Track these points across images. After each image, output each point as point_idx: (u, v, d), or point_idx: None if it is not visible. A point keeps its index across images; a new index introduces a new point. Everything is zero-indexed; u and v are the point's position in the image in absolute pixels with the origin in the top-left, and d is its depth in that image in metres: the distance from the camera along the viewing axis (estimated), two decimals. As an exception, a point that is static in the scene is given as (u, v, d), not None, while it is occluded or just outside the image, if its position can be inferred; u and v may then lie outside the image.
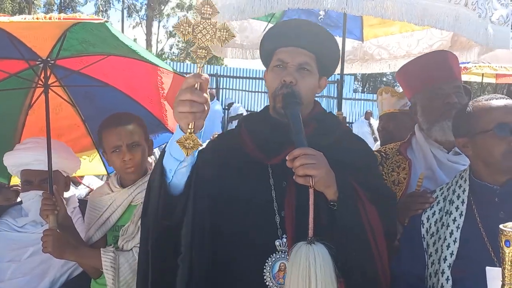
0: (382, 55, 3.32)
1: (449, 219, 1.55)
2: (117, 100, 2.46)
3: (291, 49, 1.55)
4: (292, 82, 1.50)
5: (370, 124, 12.05)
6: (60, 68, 2.29)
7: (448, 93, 1.94)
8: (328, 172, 1.37)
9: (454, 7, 1.68)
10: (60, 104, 2.49)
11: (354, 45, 3.41)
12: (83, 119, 2.58)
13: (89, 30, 1.95)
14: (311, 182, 1.31)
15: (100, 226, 2.07)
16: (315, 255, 1.28)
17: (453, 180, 1.67)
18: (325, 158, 1.38)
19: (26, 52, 2.10)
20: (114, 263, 1.88)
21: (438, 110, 1.94)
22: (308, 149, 1.34)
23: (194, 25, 1.13)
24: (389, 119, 2.88)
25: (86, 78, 2.36)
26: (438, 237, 1.56)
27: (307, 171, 1.31)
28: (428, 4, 1.67)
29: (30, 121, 2.50)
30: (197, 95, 1.20)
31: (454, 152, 1.98)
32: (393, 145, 2.18)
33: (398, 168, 2.03)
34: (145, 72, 2.35)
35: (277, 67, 1.55)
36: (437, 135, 1.95)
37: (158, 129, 2.61)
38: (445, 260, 1.48)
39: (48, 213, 1.98)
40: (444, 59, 2.04)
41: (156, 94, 2.46)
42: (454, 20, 1.69)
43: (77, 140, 2.62)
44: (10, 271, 2.04)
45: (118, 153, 2.00)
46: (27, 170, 2.18)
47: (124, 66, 2.28)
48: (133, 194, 2.02)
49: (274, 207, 1.47)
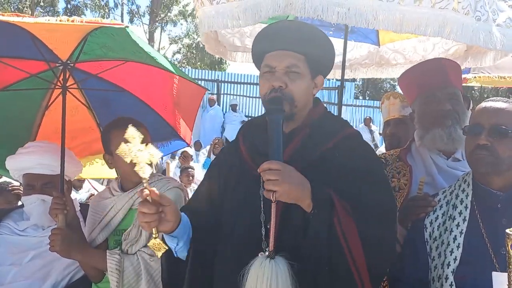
0: (398, 60, 3.27)
1: (453, 224, 1.55)
2: (132, 106, 2.48)
3: (277, 53, 1.53)
4: (281, 87, 1.48)
5: (370, 131, 12.06)
6: (79, 71, 2.32)
7: (441, 99, 1.94)
8: (294, 187, 1.34)
9: (439, 12, 1.63)
10: (76, 107, 2.51)
11: (371, 49, 3.35)
12: (98, 123, 2.61)
13: (110, 35, 1.98)
14: (272, 197, 1.33)
15: (102, 229, 2.07)
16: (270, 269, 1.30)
17: (456, 184, 1.67)
18: (295, 170, 1.36)
19: (47, 54, 2.13)
20: (119, 265, 1.88)
21: (431, 117, 1.94)
22: (273, 164, 1.33)
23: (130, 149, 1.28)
24: (397, 124, 2.84)
25: (103, 82, 2.39)
26: (441, 242, 1.55)
27: (269, 186, 1.32)
28: (408, 10, 1.62)
29: (45, 122, 2.53)
30: (147, 208, 1.31)
31: (453, 159, 1.98)
32: (393, 152, 2.18)
33: (399, 174, 2.03)
34: (161, 79, 2.37)
35: (266, 73, 1.53)
36: (428, 144, 1.96)
37: (171, 136, 2.64)
38: (448, 265, 1.48)
39: (58, 212, 1.98)
40: (439, 66, 2.05)
41: (170, 101, 2.49)
42: (441, 26, 1.65)
43: (91, 143, 2.64)
44: (11, 275, 2.03)
45: None
46: (29, 174, 2.18)
47: (141, 72, 2.30)
48: (134, 198, 2.01)
49: (261, 218, 1.46)
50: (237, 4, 1.70)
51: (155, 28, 22.50)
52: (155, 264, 1.91)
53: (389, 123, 2.93)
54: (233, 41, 3.01)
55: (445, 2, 1.62)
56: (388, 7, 1.61)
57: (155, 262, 1.90)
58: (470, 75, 5.29)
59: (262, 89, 1.53)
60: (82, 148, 2.66)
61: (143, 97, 2.50)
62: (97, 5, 23.29)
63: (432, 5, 1.61)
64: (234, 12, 1.70)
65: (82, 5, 23.31)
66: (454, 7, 1.63)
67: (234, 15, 1.71)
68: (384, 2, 1.60)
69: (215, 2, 1.74)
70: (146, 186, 1.29)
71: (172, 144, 2.67)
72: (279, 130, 1.39)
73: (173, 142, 2.67)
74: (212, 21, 1.76)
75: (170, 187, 2.04)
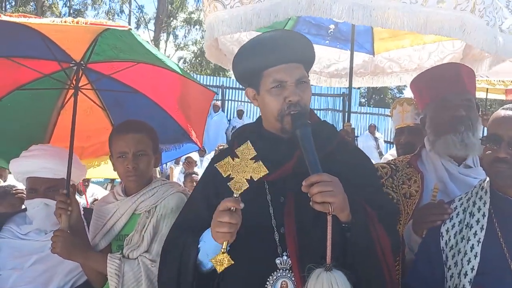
0: (393, 68, 3.29)
1: (470, 232, 1.51)
2: (145, 107, 2.50)
3: (284, 67, 1.51)
4: (299, 100, 1.49)
5: (375, 138, 12.02)
6: (92, 71, 2.33)
7: (456, 105, 1.91)
8: (344, 197, 1.35)
9: (459, 13, 1.64)
10: (91, 107, 2.53)
11: (365, 59, 3.36)
12: (113, 123, 2.62)
13: (118, 37, 1.99)
14: (330, 209, 1.30)
15: (105, 234, 2.05)
16: (337, 282, 1.26)
17: (473, 191, 1.63)
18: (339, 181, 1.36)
19: (59, 54, 2.15)
20: (119, 270, 1.86)
21: (445, 122, 1.92)
22: (325, 176, 1.32)
23: (234, 165, 1.34)
24: (412, 133, 2.79)
25: (117, 83, 2.40)
26: (458, 250, 1.52)
27: (326, 198, 1.29)
28: (431, 11, 1.63)
29: (61, 121, 2.54)
30: (234, 218, 1.32)
31: (465, 165, 1.95)
32: (403, 158, 2.15)
33: (409, 180, 2.00)
34: (172, 82, 2.38)
35: (276, 88, 1.51)
36: (440, 149, 1.93)
37: (182, 139, 2.64)
38: (465, 275, 1.44)
39: (62, 212, 1.98)
40: (456, 71, 2.02)
41: (182, 104, 2.50)
42: (460, 27, 1.66)
43: (105, 144, 2.57)
44: (12, 279, 2.01)
45: (123, 160, 1.99)
46: (33, 178, 2.17)
47: (152, 74, 2.31)
48: (137, 203, 2.00)
49: (273, 224, 1.44)
50: (252, 7, 1.70)
51: (161, 36, 22.65)
52: (156, 270, 1.87)
53: (403, 131, 2.89)
54: (232, 50, 3.01)
55: (465, 4, 1.64)
56: (411, 9, 1.62)
57: (156, 268, 1.87)
58: None
59: (274, 105, 1.51)
60: (97, 148, 2.68)
61: (156, 98, 2.51)
62: (103, 11, 23.53)
63: (454, 7, 1.63)
64: (248, 15, 1.70)
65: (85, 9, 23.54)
66: (472, 9, 1.64)
67: (246, 18, 1.71)
68: (408, 4, 1.61)
69: (229, 5, 1.73)
70: (239, 198, 1.33)
71: (184, 147, 2.67)
72: (312, 143, 1.39)
73: (185, 144, 2.66)
74: (225, 26, 1.77)
75: (173, 192, 2.02)
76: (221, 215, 1.33)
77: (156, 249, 1.90)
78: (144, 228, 1.94)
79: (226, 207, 1.33)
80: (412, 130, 2.80)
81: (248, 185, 1.32)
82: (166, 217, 1.95)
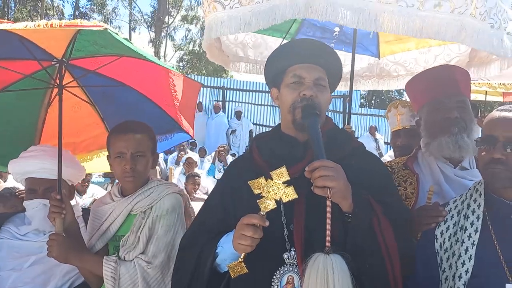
0: (399, 71, 3.28)
1: (464, 235, 1.51)
2: (134, 99, 2.49)
3: (307, 66, 1.60)
4: (312, 96, 1.55)
5: (376, 140, 12.01)
6: (77, 68, 2.31)
7: (449, 107, 1.92)
8: (345, 185, 1.39)
9: (458, 17, 1.64)
10: (78, 103, 2.51)
11: (371, 61, 3.37)
12: (102, 117, 2.61)
13: (96, 33, 1.97)
14: (329, 193, 1.34)
15: (101, 235, 2.04)
16: (333, 265, 1.30)
17: (467, 193, 1.63)
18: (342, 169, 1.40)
19: (39, 53, 2.11)
20: (115, 273, 1.86)
21: (438, 124, 1.92)
22: (327, 161, 1.38)
23: (268, 184, 1.39)
24: (409, 135, 2.80)
25: (102, 78, 2.38)
26: (452, 253, 1.51)
27: (326, 182, 1.34)
28: (428, 15, 1.63)
29: (50, 119, 2.53)
30: (258, 234, 1.38)
31: (461, 167, 1.96)
32: (399, 160, 2.16)
33: (405, 182, 2.00)
34: (157, 74, 2.37)
35: (294, 83, 1.60)
36: (434, 151, 1.94)
37: (173, 129, 2.65)
38: (460, 277, 1.44)
39: (55, 215, 1.97)
40: (450, 73, 2.03)
41: (169, 95, 2.48)
42: (459, 31, 1.65)
43: (97, 138, 2.64)
44: (11, 280, 2.01)
45: (121, 160, 1.98)
46: (32, 178, 2.17)
47: (137, 67, 2.30)
48: (132, 204, 1.99)
49: (282, 220, 1.49)
50: (251, 8, 1.71)
51: (161, 37, 22.64)
52: (152, 272, 1.88)
53: (399, 133, 2.89)
54: (236, 52, 3.03)
55: (464, 8, 1.62)
56: (408, 12, 1.61)
57: (152, 270, 1.88)
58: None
59: (289, 97, 1.59)
60: (89, 143, 2.67)
61: (143, 90, 2.50)
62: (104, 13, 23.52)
63: (451, 10, 1.62)
64: (247, 16, 1.71)
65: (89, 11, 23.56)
66: (472, 13, 1.63)
67: (245, 19, 1.72)
68: (404, 8, 1.61)
69: (228, 6, 1.74)
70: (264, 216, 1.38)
71: (175, 137, 2.68)
72: (318, 132, 1.46)
73: (177, 134, 2.67)
74: (224, 26, 1.77)
75: (169, 193, 2.02)
76: (245, 229, 1.39)
77: (152, 251, 1.90)
78: (139, 229, 1.94)
79: (251, 222, 1.39)
80: (409, 132, 2.81)
81: (275, 206, 1.38)
82: (162, 218, 1.95)
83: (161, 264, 1.89)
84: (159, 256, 1.90)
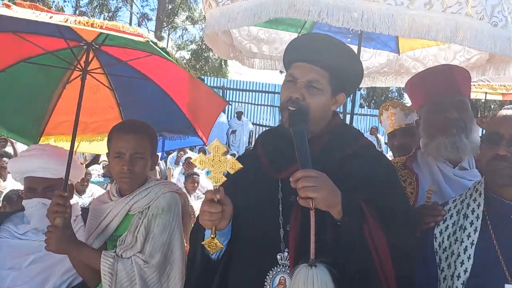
0: (418, 68, 3.14)
1: (463, 234, 1.51)
2: (155, 94, 2.50)
3: (304, 65, 1.56)
4: (298, 98, 1.51)
5: (377, 140, 12.01)
6: (105, 54, 2.29)
7: (448, 107, 1.91)
8: (330, 193, 1.37)
9: (450, 17, 1.56)
10: (98, 85, 2.51)
11: (390, 57, 3.21)
12: (119, 103, 2.62)
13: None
14: (312, 204, 1.33)
15: (99, 234, 2.04)
16: (314, 278, 1.29)
17: (467, 193, 1.62)
18: (329, 178, 1.38)
19: (68, 33, 2.08)
20: (112, 268, 1.85)
21: (437, 125, 1.92)
22: (309, 171, 1.35)
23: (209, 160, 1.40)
24: (405, 134, 2.78)
25: (128, 68, 2.38)
26: (451, 252, 1.52)
27: (308, 193, 1.33)
28: (418, 14, 1.55)
29: (66, 95, 2.53)
30: (214, 208, 1.39)
31: (460, 167, 1.96)
32: (398, 159, 2.16)
33: (404, 182, 1.99)
34: (183, 79, 2.39)
35: (288, 82, 1.58)
36: (432, 152, 1.93)
37: (188, 131, 2.67)
38: (458, 277, 1.44)
39: (58, 215, 1.94)
40: (449, 73, 2.03)
41: (191, 101, 2.51)
42: (453, 31, 1.57)
43: (109, 121, 2.61)
44: (10, 279, 2.01)
45: (119, 160, 1.98)
46: (31, 178, 2.16)
47: (165, 67, 2.31)
48: (130, 203, 1.99)
49: (280, 220, 1.48)
50: (239, 5, 1.69)
51: (162, 36, 22.64)
52: (148, 271, 1.88)
53: (395, 134, 2.88)
54: (250, 48, 2.96)
55: (457, 7, 1.56)
56: (397, 11, 1.55)
57: (148, 269, 1.88)
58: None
59: (282, 96, 1.58)
60: (99, 125, 2.66)
61: (166, 88, 2.51)
62: (106, 10, 23.51)
63: (443, 10, 1.55)
64: (234, 12, 1.69)
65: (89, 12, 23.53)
66: (468, 12, 1.56)
67: (232, 16, 1.70)
68: (393, 6, 1.55)
69: (221, 3, 1.73)
70: (220, 189, 1.39)
71: (189, 139, 2.70)
72: (304, 140, 1.42)
73: (190, 137, 2.70)
74: (216, 23, 1.75)
75: (166, 191, 2.01)
76: (204, 205, 1.41)
77: (148, 250, 1.90)
78: (137, 229, 1.94)
79: (208, 197, 1.41)
80: (404, 131, 2.80)
81: (226, 178, 1.39)
82: (158, 217, 1.94)
83: (157, 264, 1.89)
84: (156, 256, 1.89)
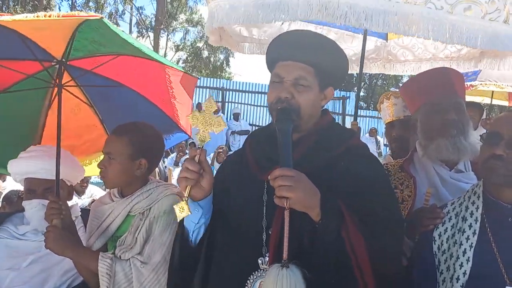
0: (407, 56, 3.12)
1: (462, 237, 1.51)
2: (132, 100, 2.50)
3: (288, 64, 1.53)
4: (287, 98, 1.49)
5: (376, 141, 12.00)
6: (74, 68, 2.32)
7: (446, 109, 1.92)
8: (307, 194, 1.34)
9: (489, 24, 1.55)
10: (78, 105, 2.52)
11: (377, 44, 3.17)
12: (101, 119, 2.62)
13: (94, 29, 1.97)
14: (286, 204, 1.31)
15: (100, 235, 2.04)
16: (284, 279, 1.28)
17: (466, 196, 1.63)
18: (308, 178, 1.36)
19: (40, 54, 2.13)
20: (110, 270, 1.85)
21: (436, 126, 1.92)
22: (287, 170, 1.33)
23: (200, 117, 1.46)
24: (404, 126, 2.70)
25: (100, 78, 2.39)
26: (450, 255, 1.52)
27: (283, 193, 1.31)
28: (458, 20, 1.54)
29: (50, 121, 2.54)
30: (192, 166, 1.42)
31: (457, 170, 1.96)
32: (395, 162, 2.16)
33: (401, 185, 2.00)
34: (153, 71, 2.37)
35: (275, 82, 1.54)
36: (432, 154, 1.93)
37: (172, 129, 2.66)
38: (457, 279, 1.45)
39: (54, 217, 1.97)
40: (445, 75, 2.04)
41: (166, 93, 2.48)
42: (490, 38, 1.57)
43: (96, 140, 2.65)
44: (9, 279, 2.01)
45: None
46: (31, 179, 2.17)
47: (135, 66, 2.30)
48: (131, 204, 1.99)
49: (263, 224, 1.45)
50: None
51: (161, 37, 22.65)
52: (146, 272, 1.87)
53: (394, 125, 2.83)
54: (239, 31, 2.88)
55: (496, 14, 1.56)
56: (437, 15, 1.53)
57: (145, 270, 1.87)
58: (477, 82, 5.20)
59: (269, 97, 1.55)
60: (89, 146, 2.67)
61: (141, 90, 2.50)
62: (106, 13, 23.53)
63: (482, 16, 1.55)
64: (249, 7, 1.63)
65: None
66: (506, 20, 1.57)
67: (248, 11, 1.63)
68: (434, 10, 1.52)
69: None
70: (203, 150, 1.45)
71: (174, 137, 2.69)
72: (288, 138, 1.40)
73: (175, 134, 2.69)
74: (225, 15, 1.70)
75: (168, 194, 2.01)
76: (185, 161, 1.45)
77: (147, 251, 1.90)
78: (137, 230, 1.94)
79: (190, 155, 1.46)
80: (403, 123, 2.73)
81: (210, 138, 1.44)
82: (159, 220, 1.94)
83: (156, 264, 1.88)
84: (154, 256, 1.89)
